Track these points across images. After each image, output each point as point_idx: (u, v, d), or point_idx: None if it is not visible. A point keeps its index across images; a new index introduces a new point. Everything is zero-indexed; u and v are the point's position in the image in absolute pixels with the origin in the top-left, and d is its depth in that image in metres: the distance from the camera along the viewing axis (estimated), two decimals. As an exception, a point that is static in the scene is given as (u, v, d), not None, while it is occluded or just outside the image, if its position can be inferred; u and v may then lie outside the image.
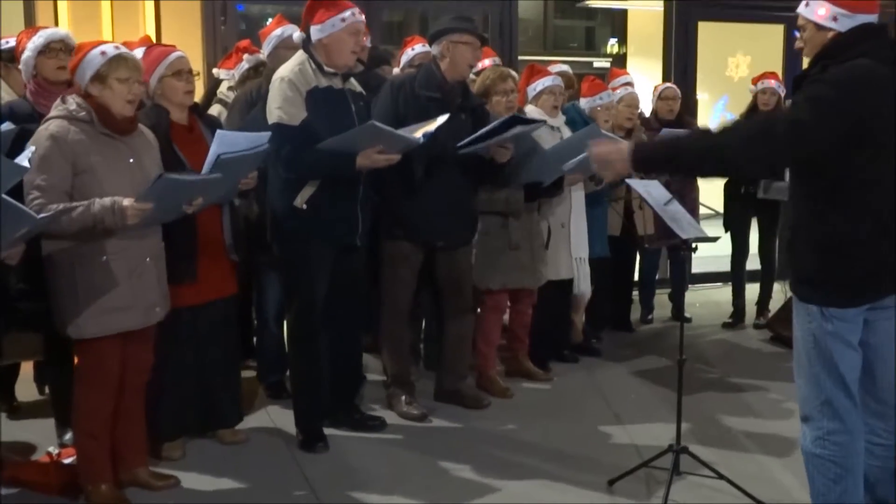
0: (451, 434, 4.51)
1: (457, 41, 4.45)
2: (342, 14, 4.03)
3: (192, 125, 4.00)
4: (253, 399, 4.82)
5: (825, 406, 2.91)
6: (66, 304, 3.43)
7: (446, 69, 4.47)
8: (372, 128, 3.91)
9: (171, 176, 3.37)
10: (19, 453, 4.13)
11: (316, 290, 4.18)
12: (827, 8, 2.85)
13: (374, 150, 3.93)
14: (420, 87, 4.41)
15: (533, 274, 5.01)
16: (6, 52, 4.48)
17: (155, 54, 3.95)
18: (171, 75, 3.88)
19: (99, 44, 3.51)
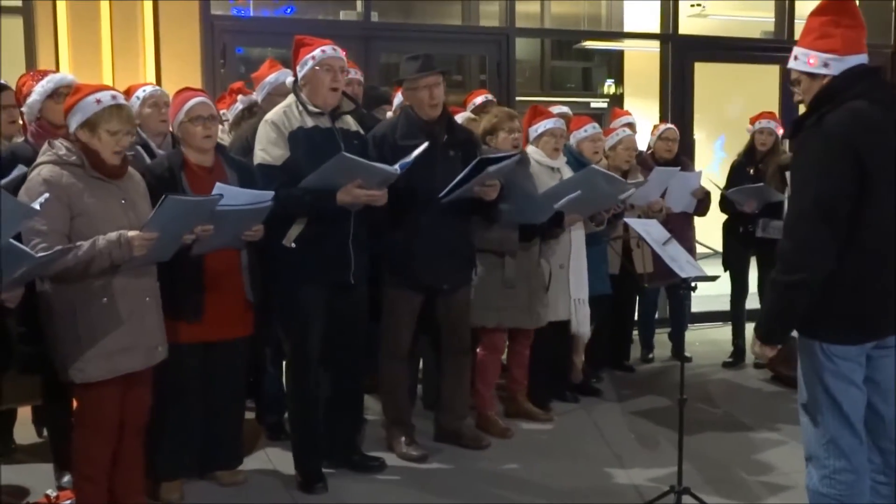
0: (450, 475, 4.48)
1: (411, 87, 4.47)
2: (314, 51, 4.08)
3: (214, 167, 4.02)
4: (253, 440, 4.79)
5: (830, 445, 2.90)
6: (67, 348, 3.42)
7: (419, 112, 4.48)
8: (342, 159, 3.90)
9: (174, 197, 3.39)
10: (13, 496, 4.09)
11: (310, 329, 4.17)
12: (815, 56, 2.90)
13: (354, 185, 3.94)
14: (402, 136, 4.40)
15: (530, 314, 5.00)
16: None
17: (179, 99, 4.02)
18: (188, 121, 3.92)
19: (98, 89, 3.52)
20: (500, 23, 7.88)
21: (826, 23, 2.90)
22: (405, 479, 4.41)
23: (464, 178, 4.28)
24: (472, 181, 4.30)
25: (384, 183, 4.05)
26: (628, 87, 11.66)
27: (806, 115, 2.92)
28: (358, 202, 4.02)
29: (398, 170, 4.00)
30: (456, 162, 4.42)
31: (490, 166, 4.29)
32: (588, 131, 5.57)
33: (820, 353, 2.87)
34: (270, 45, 8.37)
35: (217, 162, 4.05)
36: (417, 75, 4.43)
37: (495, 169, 4.32)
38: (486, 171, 4.28)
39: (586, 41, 11.59)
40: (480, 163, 4.29)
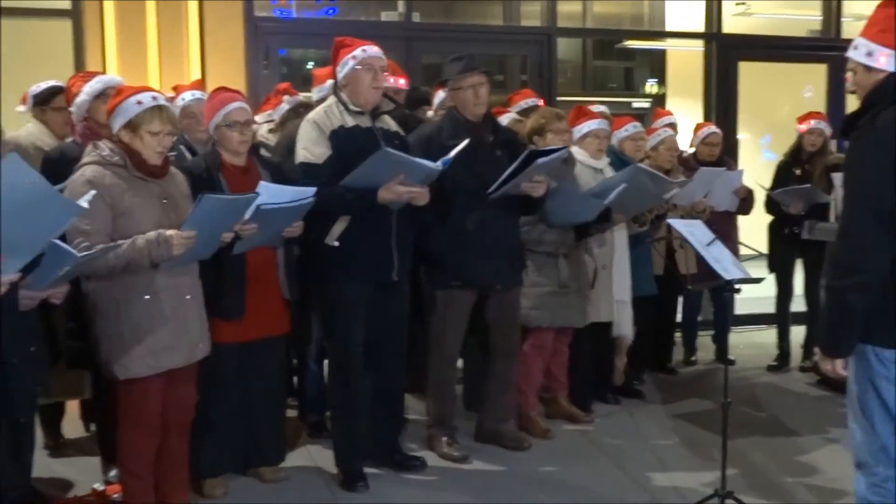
0: (491, 476, 4.47)
1: (456, 87, 4.48)
2: (355, 51, 4.10)
3: (248, 166, 4.06)
4: (295, 437, 4.82)
5: (881, 452, 2.85)
6: (111, 344, 3.47)
7: (464, 112, 4.49)
8: (384, 155, 3.91)
9: (211, 195, 3.42)
10: (64, 490, 4.16)
11: (352, 328, 4.19)
12: (875, 49, 2.83)
13: (396, 181, 3.95)
14: (447, 137, 4.40)
15: (580, 313, 5.00)
16: (38, 95, 4.59)
17: (216, 102, 4.03)
18: (226, 126, 3.96)
19: (139, 91, 3.55)
20: (542, 23, 7.86)
21: (891, 16, 2.84)
22: (446, 479, 4.41)
23: (513, 171, 4.28)
24: (521, 174, 4.29)
25: (426, 180, 4.05)
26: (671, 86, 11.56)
27: (859, 114, 2.86)
28: (399, 200, 4.02)
29: (440, 166, 4.01)
30: (502, 162, 4.42)
31: (539, 158, 4.29)
32: (629, 130, 5.55)
33: (872, 357, 2.81)
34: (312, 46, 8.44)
35: (250, 162, 4.09)
36: (462, 75, 4.44)
37: (544, 161, 4.30)
38: (536, 163, 4.27)
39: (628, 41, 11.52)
40: (530, 155, 4.29)
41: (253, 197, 3.58)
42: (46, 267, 2.94)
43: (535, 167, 4.28)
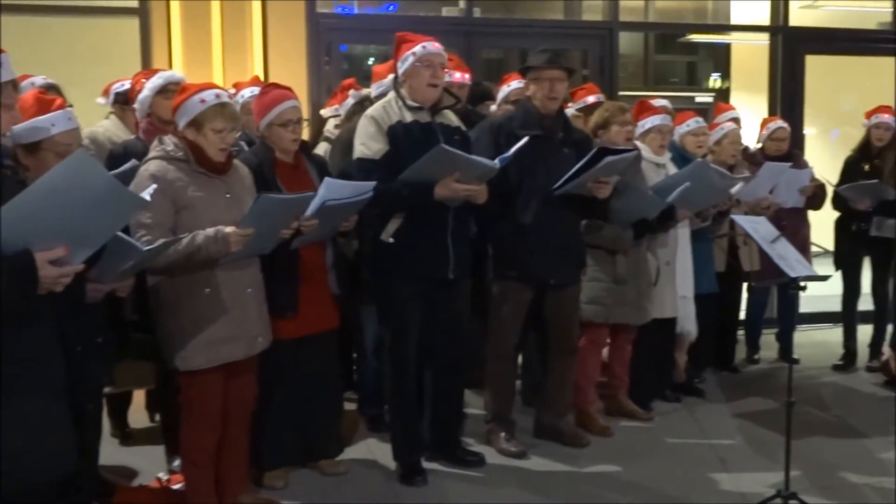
0: (549, 472, 4.46)
1: (535, 77, 4.47)
2: (415, 48, 4.10)
3: (297, 163, 4.10)
4: (353, 431, 4.86)
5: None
6: (172, 336, 3.54)
7: (538, 104, 4.49)
8: (441, 152, 3.90)
9: (269, 196, 3.46)
10: (130, 478, 4.26)
11: (408, 324, 4.20)
12: None
13: (452, 178, 3.95)
14: (518, 126, 4.41)
15: (637, 310, 4.96)
16: (122, 94, 4.70)
17: (268, 100, 4.03)
18: (279, 125, 3.99)
19: (202, 88, 3.59)
20: (604, 17, 7.79)
21: None
22: (504, 474, 4.41)
23: (581, 167, 4.26)
24: (589, 172, 4.27)
25: (483, 177, 4.05)
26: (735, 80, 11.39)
27: None
28: (456, 197, 4.02)
29: (497, 164, 3.99)
30: (570, 160, 4.39)
31: (609, 156, 4.26)
32: (690, 126, 5.47)
33: None
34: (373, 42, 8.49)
35: (299, 158, 4.12)
36: (544, 66, 4.43)
37: (613, 160, 4.28)
38: (605, 160, 4.24)
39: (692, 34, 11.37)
40: (599, 152, 4.27)
41: (310, 196, 3.61)
42: (112, 260, 3.01)
43: (604, 165, 4.25)
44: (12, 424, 2.33)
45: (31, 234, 2.27)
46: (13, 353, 2.34)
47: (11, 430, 2.33)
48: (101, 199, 2.33)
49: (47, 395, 2.44)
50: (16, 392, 2.34)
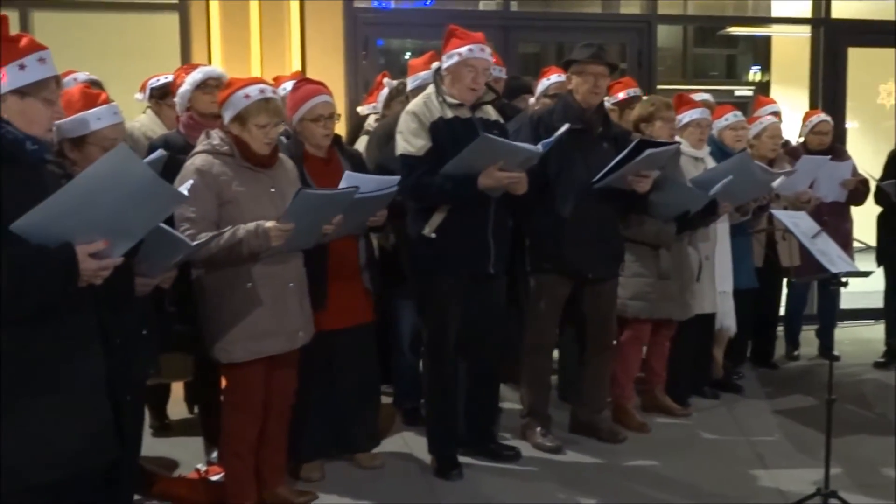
0: (585, 468, 4.45)
1: (578, 70, 4.45)
2: (462, 48, 4.08)
3: (330, 157, 4.11)
4: (389, 424, 4.88)
5: None
6: (213, 329, 3.58)
7: (578, 97, 4.47)
8: (484, 141, 3.91)
9: (308, 191, 3.47)
10: (169, 469, 4.31)
11: (448, 319, 4.21)
12: None
13: (496, 167, 3.94)
14: (558, 120, 4.39)
15: (681, 305, 4.93)
16: (158, 89, 4.75)
17: (300, 95, 4.03)
18: (310, 120, 4.00)
19: (248, 84, 3.62)
20: (642, 10, 7.73)
21: None
22: (540, 469, 4.40)
23: (621, 160, 4.24)
24: (629, 164, 4.24)
25: (525, 164, 4.03)
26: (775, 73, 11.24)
27: None
28: (499, 185, 4.01)
29: (540, 149, 3.99)
30: (609, 154, 4.38)
31: (649, 149, 4.23)
32: (729, 119, 5.42)
33: None
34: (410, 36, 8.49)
35: (332, 153, 4.13)
36: (588, 60, 4.42)
37: (654, 153, 4.25)
38: (645, 152, 4.22)
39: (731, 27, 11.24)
40: (640, 144, 4.24)
41: (352, 192, 3.61)
42: (160, 255, 3.05)
43: (645, 157, 4.23)
44: (52, 414, 2.36)
45: (72, 227, 2.30)
46: (53, 345, 2.37)
47: (50, 420, 2.36)
48: (141, 193, 2.35)
49: (86, 385, 2.46)
50: (55, 382, 2.37)
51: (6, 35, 2.39)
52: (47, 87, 2.44)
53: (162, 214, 2.57)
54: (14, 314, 2.28)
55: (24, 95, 2.39)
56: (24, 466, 2.33)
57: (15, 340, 2.30)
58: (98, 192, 2.28)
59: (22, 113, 2.39)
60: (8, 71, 2.36)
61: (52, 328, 2.37)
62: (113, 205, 2.32)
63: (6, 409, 2.30)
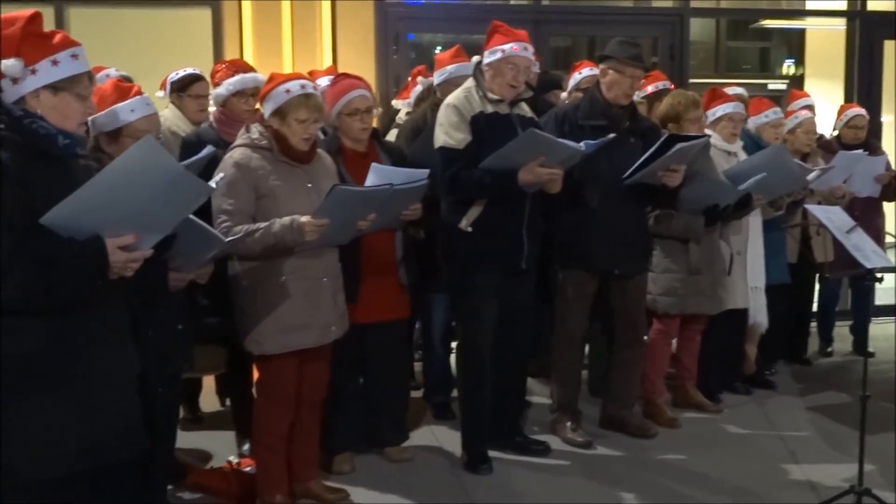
0: (615, 462, 4.44)
1: (616, 68, 4.41)
2: (505, 45, 4.07)
3: (368, 151, 4.13)
4: (419, 418, 4.89)
5: None
6: (247, 321, 3.61)
7: (607, 93, 4.44)
8: (531, 136, 3.91)
9: (342, 188, 3.48)
10: (201, 461, 4.36)
11: (482, 313, 4.21)
12: None
13: (536, 162, 3.94)
14: (583, 117, 4.38)
15: (712, 300, 4.90)
16: (177, 82, 4.78)
17: (338, 89, 4.07)
18: (347, 114, 4.02)
19: (289, 79, 3.64)
20: (674, 3, 7.67)
21: None
22: (570, 464, 4.40)
23: (651, 155, 4.22)
24: (659, 160, 4.22)
25: (566, 162, 4.02)
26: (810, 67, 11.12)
27: None
28: (539, 181, 4.00)
29: (583, 147, 3.98)
30: (636, 149, 4.36)
31: (679, 143, 4.21)
32: (769, 116, 5.36)
33: None
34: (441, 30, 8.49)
35: (371, 147, 4.14)
36: (629, 62, 4.38)
37: (684, 147, 4.23)
38: (675, 147, 4.19)
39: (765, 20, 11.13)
40: (670, 139, 4.22)
41: (387, 189, 3.61)
42: (195, 250, 3.08)
43: (675, 153, 4.20)
44: (79, 405, 2.39)
45: (101, 220, 2.32)
46: (82, 337, 2.40)
47: (78, 411, 2.39)
48: (168, 185, 2.37)
49: (114, 378, 2.49)
50: (82, 375, 2.40)
51: (40, 31, 2.42)
52: (80, 82, 2.47)
53: (190, 207, 2.58)
54: (45, 306, 2.31)
55: (57, 91, 2.42)
56: (53, 456, 2.36)
57: (44, 332, 2.33)
58: (125, 184, 2.30)
59: (55, 108, 2.42)
60: (41, 66, 2.39)
61: (81, 321, 2.39)
62: (140, 197, 2.33)
63: (34, 400, 2.34)
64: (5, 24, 2.38)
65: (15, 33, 2.37)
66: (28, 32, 2.38)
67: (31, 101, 2.40)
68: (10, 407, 2.32)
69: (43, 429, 2.34)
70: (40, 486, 2.39)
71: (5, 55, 2.36)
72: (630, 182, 4.31)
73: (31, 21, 2.39)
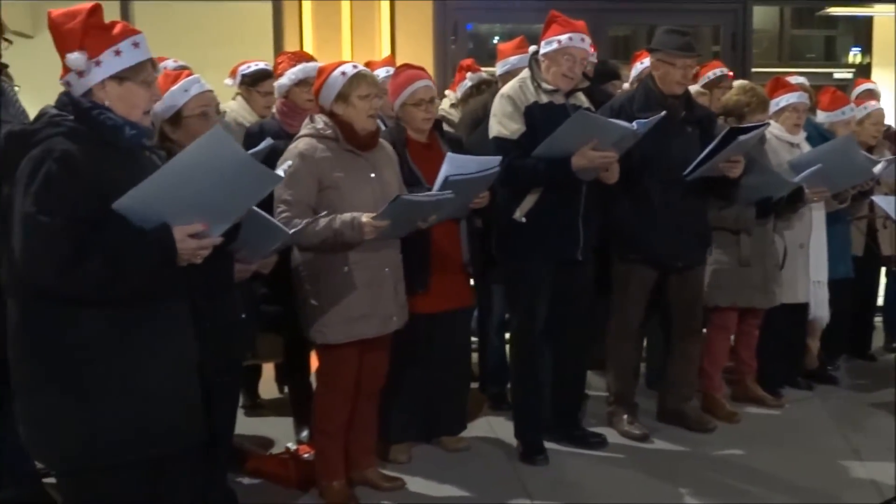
0: (673, 456, 4.40)
1: (665, 60, 4.36)
2: (562, 36, 4.04)
3: (431, 142, 4.14)
4: (475, 409, 4.90)
5: None
6: (310, 311, 3.64)
7: (661, 84, 4.39)
8: (582, 117, 3.88)
9: (406, 198, 3.49)
10: (260, 447, 4.42)
11: (537, 303, 4.20)
12: None
13: (589, 146, 3.90)
14: (638, 109, 4.32)
15: (764, 293, 4.81)
16: (249, 75, 4.83)
17: (401, 80, 4.10)
18: (411, 104, 4.04)
19: (338, 65, 3.68)
20: (737, -9, 7.54)
21: None
22: (626, 457, 4.37)
23: (713, 150, 4.17)
24: (721, 153, 4.17)
25: (620, 145, 3.99)
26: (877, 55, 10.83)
27: None
28: (592, 166, 3.97)
29: (635, 126, 3.93)
30: (693, 138, 4.31)
31: (741, 136, 4.15)
32: (846, 114, 5.23)
33: None
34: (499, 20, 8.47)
35: (433, 137, 4.15)
36: (679, 53, 4.33)
37: (746, 139, 4.17)
38: (737, 140, 4.13)
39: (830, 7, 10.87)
40: (730, 132, 4.16)
41: (448, 196, 3.60)
42: (259, 241, 3.12)
43: (736, 145, 4.14)
44: (142, 394, 2.43)
45: (169, 208, 2.35)
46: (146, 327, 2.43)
47: (141, 400, 2.43)
48: (236, 174, 2.39)
49: (177, 367, 2.52)
50: (147, 364, 2.43)
51: (101, 23, 2.45)
52: (144, 69, 2.50)
53: (257, 196, 2.61)
54: (114, 294, 2.35)
55: (122, 80, 2.45)
56: (118, 444, 2.41)
57: (107, 322, 2.37)
58: (194, 173, 2.32)
59: (122, 98, 2.46)
60: (105, 58, 2.43)
61: (143, 311, 2.43)
62: (209, 186, 2.36)
63: (96, 389, 2.38)
64: (67, 18, 2.42)
65: (77, 27, 2.41)
66: (89, 25, 2.41)
67: (98, 93, 2.44)
68: (71, 395, 2.37)
69: (105, 417, 2.39)
70: (103, 473, 2.44)
71: (69, 49, 2.40)
72: (692, 178, 4.26)
73: (92, 14, 2.42)
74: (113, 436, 2.40)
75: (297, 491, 3.91)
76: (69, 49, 2.41)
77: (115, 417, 2.40)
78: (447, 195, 3.60)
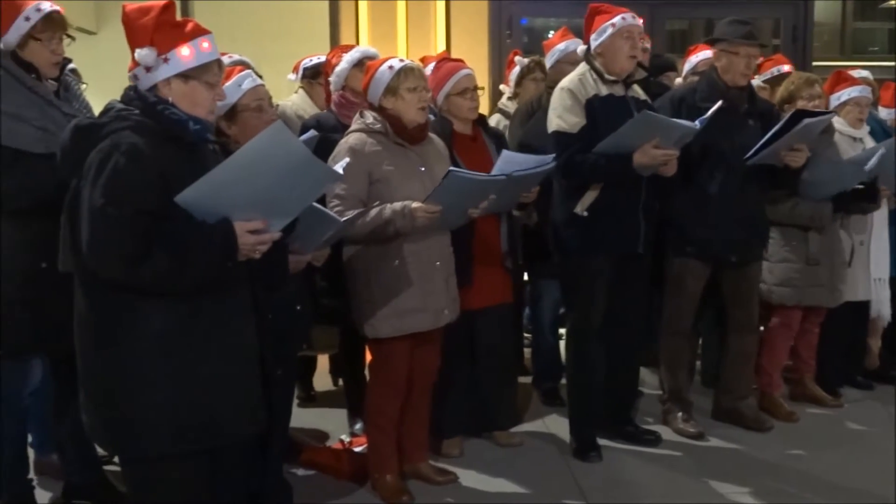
0: (728, 455, 4.35)
1: (729, 50, 4.30)
2: (614, 19, 4.02)
3: (475, 135, 4.15)
4: (528, 404, 4.90)
5: None
6: (362, 305, 3.67)
7: (724, 76, 4.33)
8: (645, 117, 3.86)
9: (458, 172, 3.47)
10: (314, 439, 4.47)
11: (594, 299, 4.18)
12: None
13: (651, 144, 3.87)
14: (701, 99, 4.28)
15: (831, 292, 4.74)
16: (310, 69, 4.89)
17: (443, 72, 4.12)
18: (456, 94, 4.05)
19: (385, 60, 3.71)
20: (798, -17, 7.41)
21: None
22: (681, 455, 4.33)
23: (776, 132, 4.11)
24: (783, 138, 4.11)
25: (681, 141, 3.96)
26: (943, 49, 10.57)
27: None
28: (654, 163, 3.94)
29: (697, 125, 3.91)
30: (755, 131, 4.25)
31: (807, 118, 4.09)
32: None
33: None
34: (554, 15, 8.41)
35: (477, 131, 4.16)
36: (742, 41, 4.28)
37: (811, 123, 4.11)
38: (803, 122, 4.07)
39: (895, -1, 10.63)
40: (796, 114, 4.10)
41: (501, 179, 3.62)
42: (312, 232, 3.15)
43: (801, 128, 4.07)
44: (204, 385, 2.47)
45: (230, 204, 2.38)
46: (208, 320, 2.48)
47: (203, 391, 2.47)
48: (296, 170, 2.41)
49: (238, 359, 2.56)
50: (208, 355, 2.47)
51: (173, 20, 2.49)
52: (210, 70, 2.53)
53: (316, 192, 2.63)
54: (177, 287, 2.39)
55: (187, 79, 2.49)
56: (177, 433, 2.45)
57: (172, 314, 2.42)
58: (254, 169, 2.34)
59: (185, 96, 2.50)
60: (173, 56, 2.47)
61: (207, 303, 2.47)
62: (269, 182, 2.38)
63: (161, 379, 2.42)
64: (140, 13, 2.46)
65: (149, 23, 2.45)
66: (161, 22, 2.45)
67: (162, 89, 2.48)
68: (136, 385, 2.42)
69: (169, 407, 2.43)
70: (165, 461, 2.49)
71: (140, 44, 2.45)
72: (753, 162, 4.20)
73: (165, 10, 2.47)
74: (176, 424, 2.44)
75: (350, 483, 3.95)
76: (139, 44, 2.45)
77: (179, 406, 2.44)
78: (499, 177, 3.61)
